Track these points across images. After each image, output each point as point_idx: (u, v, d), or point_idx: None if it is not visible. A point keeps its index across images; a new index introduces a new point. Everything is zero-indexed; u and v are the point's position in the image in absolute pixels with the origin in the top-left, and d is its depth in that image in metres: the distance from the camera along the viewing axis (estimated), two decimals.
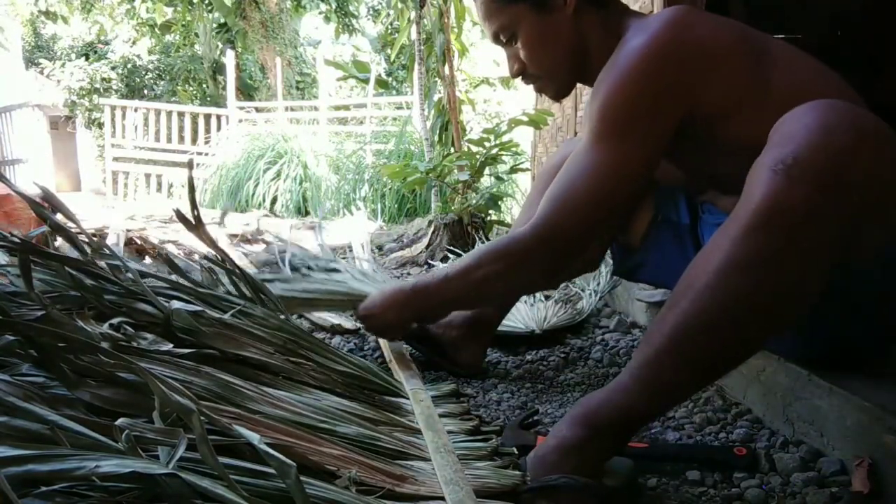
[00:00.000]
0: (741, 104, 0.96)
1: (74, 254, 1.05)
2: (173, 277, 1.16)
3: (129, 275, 1.05)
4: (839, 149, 0.72)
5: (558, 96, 1.22)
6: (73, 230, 1.05)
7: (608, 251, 1.47)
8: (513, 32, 1.13)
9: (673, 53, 0.96)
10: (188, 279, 1.19)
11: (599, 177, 1.02)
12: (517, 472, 0.82)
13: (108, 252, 1.09)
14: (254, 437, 0.63)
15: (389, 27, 11.13)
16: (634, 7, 2.00)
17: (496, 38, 1.16)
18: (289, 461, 0.61)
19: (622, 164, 1.01)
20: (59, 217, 1.06)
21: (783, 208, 0.72)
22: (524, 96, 4.96)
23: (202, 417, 0.64)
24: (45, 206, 1.04)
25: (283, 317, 1.17)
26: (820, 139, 0.73)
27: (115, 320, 0.94)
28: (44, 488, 0.59)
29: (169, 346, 0.92)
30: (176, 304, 0.99)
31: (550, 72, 1.16)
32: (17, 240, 0.90)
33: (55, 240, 1.11)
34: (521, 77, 1.19)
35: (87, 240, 1.08)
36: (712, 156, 1.04)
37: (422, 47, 3.76)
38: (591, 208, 1.04)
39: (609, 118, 1.00)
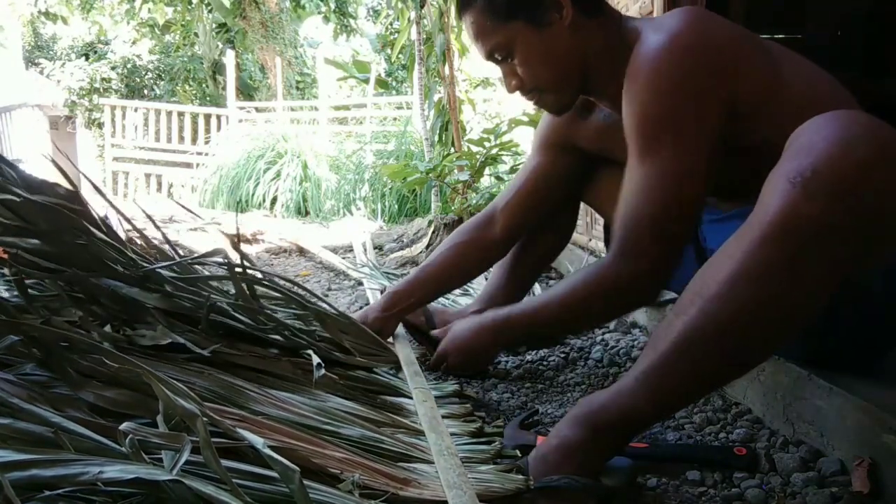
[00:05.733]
0: (764, 102, 0.95)
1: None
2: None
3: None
4: (859, 164, 0.70)
5: (561, 111, 1.18)
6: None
7: (605, 246, 1.48)
8: (509, 50, 1.08)
9: (703, 48, 0.94)
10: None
11: (658, 192, 0.98)
12: (521, 477, 0.82)
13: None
14: (258, 441, 0.64)
15: (389, 27, 11.11)
16: (634, 7, 2.00)
17: (490, 57, 1.12)
18: (293, 465, 0.61)
19: (677, 172, 0.96)
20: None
21: (798, 222, 0.71)
22: None
23: (205, 419, 0.64)
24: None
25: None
26: (839, 152, 0.71)
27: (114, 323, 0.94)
28: (47, 493, 0.59)
29: (169, 340, 0.93)
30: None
31: (552, 87, 1.12)
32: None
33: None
34: (518, 92, 1.14)
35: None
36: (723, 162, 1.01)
37: (422, 47, 3.75)
38: (662, 225, 0.99)
39: (651, 129, 0.97)
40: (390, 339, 1.41)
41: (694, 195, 0.99)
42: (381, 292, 1.90)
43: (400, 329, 1.47)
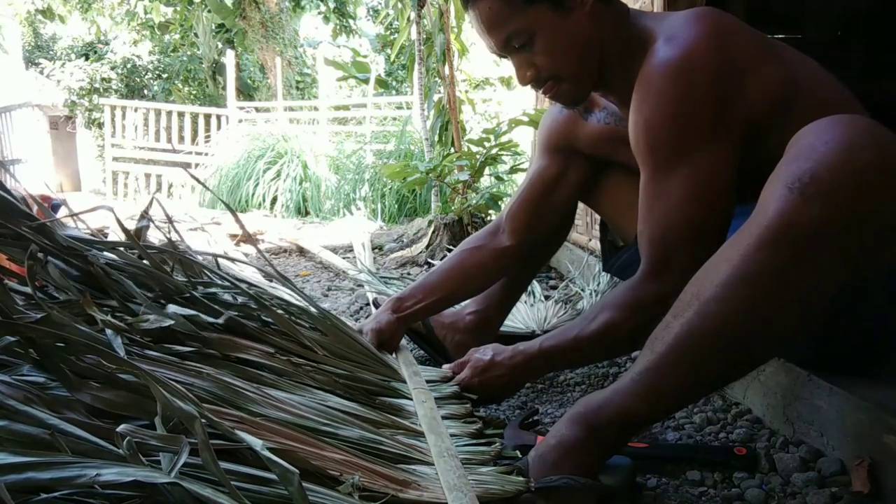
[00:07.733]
0: (779, 114, 0.94)
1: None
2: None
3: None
4: (859, 171, 0.69)
5: (576, 102, 1.15)
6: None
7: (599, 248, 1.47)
8: (529, 37, 1.03)
9: (719, 63, 0.92)
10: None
11: (693, 204, 0.96)
12: (521, 479, 0.82)
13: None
14: (256, 442, 0.63)
15: (389, 27, 11.12)
16: (634, 7, 2.00)
17: (506, 46, 1.06)
18: (292, 468, 0.61)
19: (708, 183, 0.95)
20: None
21: (795, 227, 0.70)
22: (524, 96, 4.96)
23: (203, 421, 0.64)
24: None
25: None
26: (840, 158, 0.70)
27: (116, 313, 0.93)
28: (44, 495, 0.59)
29: (170, 322, 0.92)
30: (172, 308, 0.97)
31: (571, 75, 1.07)
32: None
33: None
34: (531, 84, 1.09)
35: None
36: None
37: (422, 47, 3.75)
38: (700, 236, 0.96)
39: (673, 145, 0.95)
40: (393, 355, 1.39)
41: (727, 202, 0.97)
42: (375, 304, 1.88)
43: None
